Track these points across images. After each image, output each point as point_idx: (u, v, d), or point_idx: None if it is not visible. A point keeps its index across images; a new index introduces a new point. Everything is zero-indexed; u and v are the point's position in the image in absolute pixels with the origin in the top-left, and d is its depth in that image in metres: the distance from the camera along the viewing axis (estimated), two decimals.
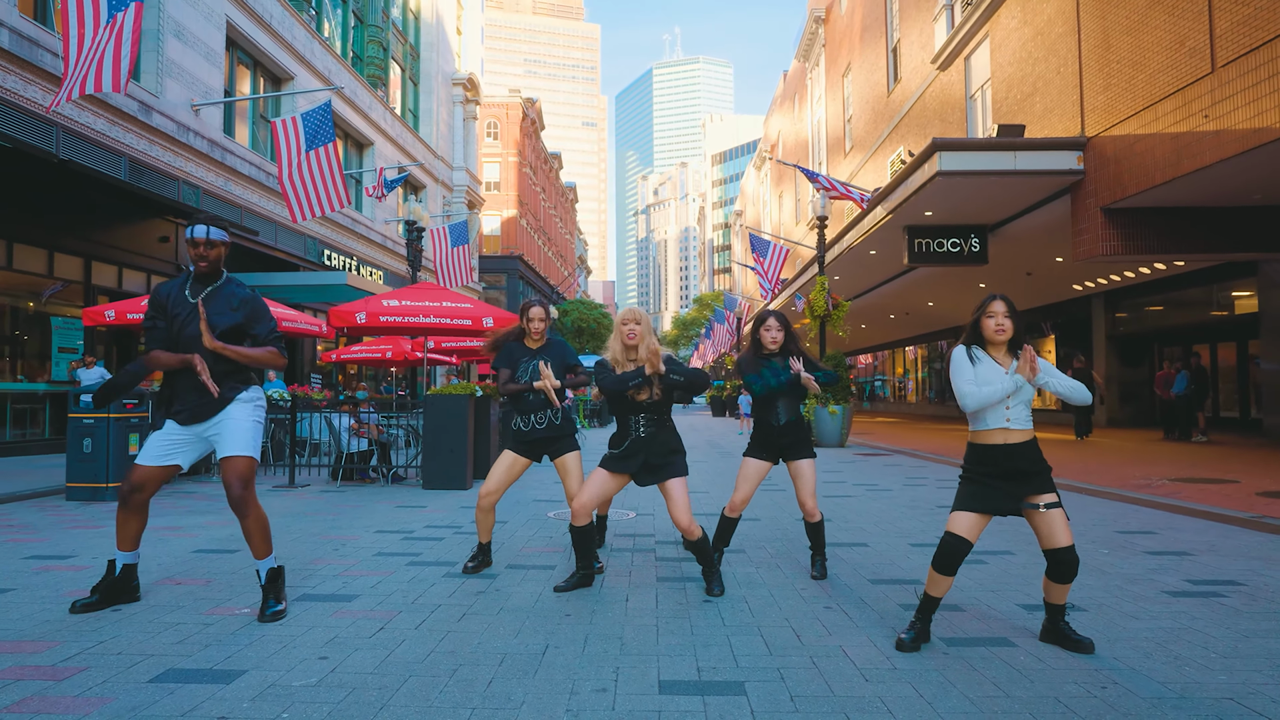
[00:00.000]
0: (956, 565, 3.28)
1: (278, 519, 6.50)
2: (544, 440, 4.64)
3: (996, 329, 3.37)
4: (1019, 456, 3.27)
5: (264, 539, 3.74)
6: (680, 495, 4.10)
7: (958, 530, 3.27)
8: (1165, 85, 11.12)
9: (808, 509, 4.51)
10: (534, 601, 3.93)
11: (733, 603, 3.95)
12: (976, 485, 3.32)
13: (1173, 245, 13.00)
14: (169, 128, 15.19)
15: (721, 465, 11.78)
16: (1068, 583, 3.26)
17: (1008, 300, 3.41)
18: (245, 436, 3.74)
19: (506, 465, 4.60)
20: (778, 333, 4.60)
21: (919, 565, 4.85)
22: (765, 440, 4.58)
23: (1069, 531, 3.24)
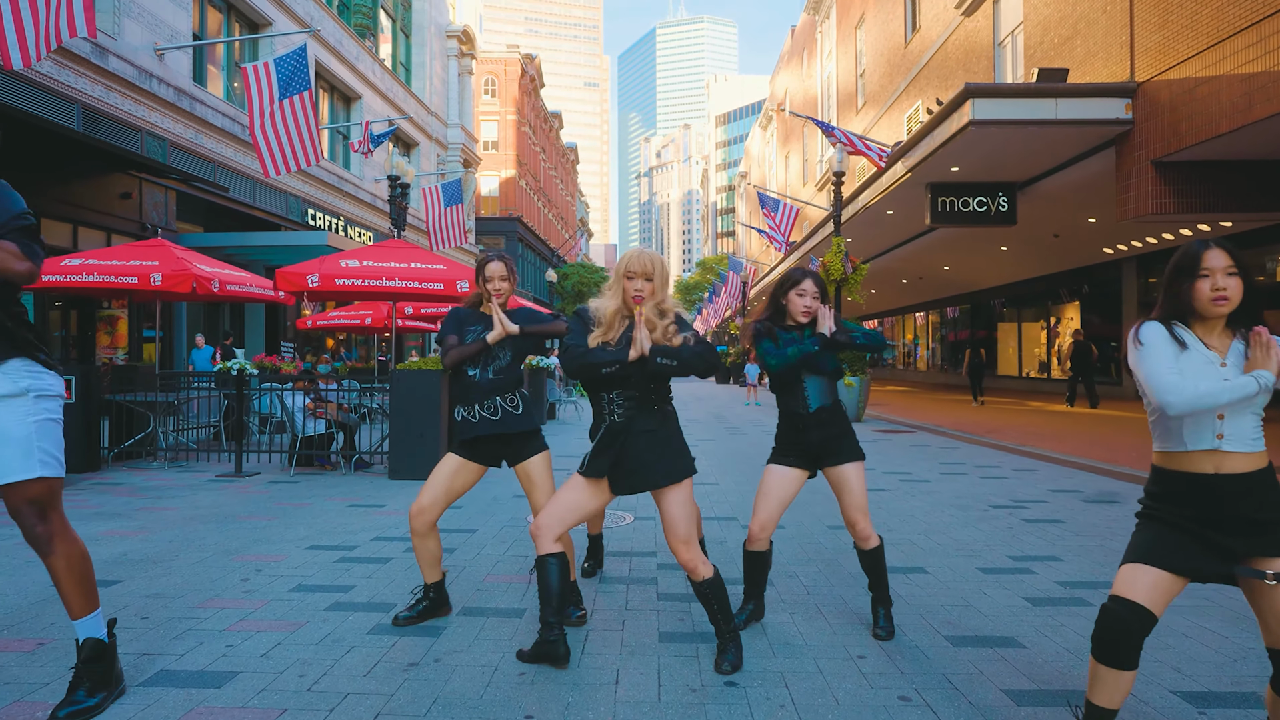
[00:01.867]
0: (1136, 653, 2.06)
1: (197, 525, 5.35)
2: (495, 440, 3.41)
3: (1215, 296, 2.12)
4: (1241, 493, 2.08)
5: (80, 587, 2.56)
6: (678, 512, 2.92)
7: (1133, 595, 2.06)
8: (1236, 19, 9.79)
9: (859, 530, 3.31)
10: (484, 686, 2.78)
11: (766, 686, 2.80)
12: (1166, 527, 2.15)
13: (1231, 203, 11.76)
14: (129, 73, 13.84)
15: (730, 445, 10.63)
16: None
17: (1227, 246, 2.14)
18: (24, 449, 2.44)
19: (446, 474, 3.38)
20: (813, 300, 3.32)
21: (1002, 608, 3.70)
22: (792, 437, 3.35)
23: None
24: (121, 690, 2.68)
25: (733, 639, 2.99)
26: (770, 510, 3.33)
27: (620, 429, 2.96)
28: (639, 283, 2.95)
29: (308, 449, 7.99)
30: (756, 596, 3.50)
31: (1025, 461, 9.16)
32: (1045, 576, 4.23)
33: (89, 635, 2.58)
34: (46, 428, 2.52)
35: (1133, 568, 2.12)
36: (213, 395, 9.00)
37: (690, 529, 2.95)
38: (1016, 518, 5.86)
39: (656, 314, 2.96)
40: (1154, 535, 2.17)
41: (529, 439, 3.47)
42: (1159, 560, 2.11)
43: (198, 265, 7.66)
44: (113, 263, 7.57)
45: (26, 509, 2.48)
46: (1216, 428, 2.10)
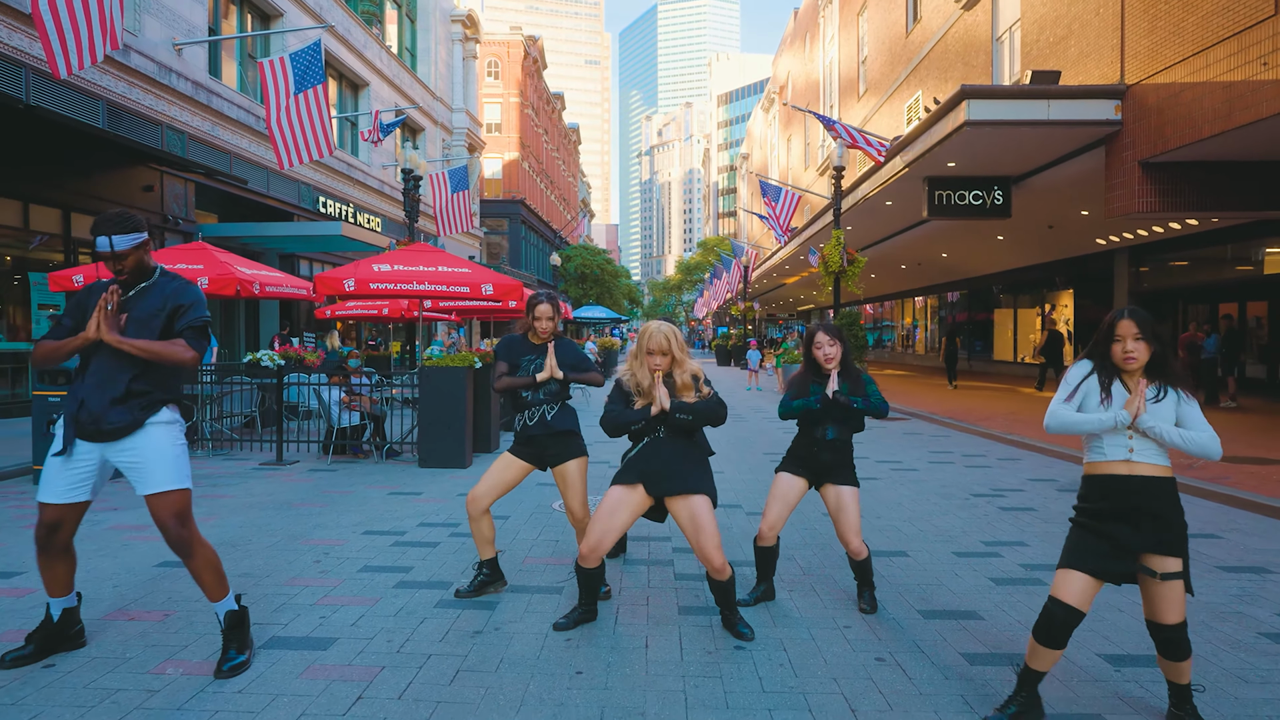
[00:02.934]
0: (1066, 638, 2.75)
1: (260, 512, 5.97)
2: (539, 439, 4.06)
3: (1125, 357, 2.79)
4: (1144, 494, 2.74)
5: (216, 579, 3.25)
6: (708, 520, 3.48)
7: (1067, 598, 2.72)
8: (1220, 29, 10.25)
9: (852, 546, 3.94)
10: (539, 649, 3.40)
11: (768, 649, 3.42)
12: (1089, 534, 2.79)
13: (1213, 202, 12.26)
14: (149, 69, 14.32)
15: (734, 433, 11.24)
16: (1179, 661, 2.75)
17: (1139, 318, 2.79)
18: (172, 467, 3.20)
19: (499, 469, 4.05)
20: (831, 348, 3.99)
21: (970, 588, 4.32)
22: (804, 454, 4.01)
23: (1181, 608, 2.72)
24: (251, 649, 3.31)
25: (740, 618, 3.63)
26: (779, 513, 3.98)
27: (660, 442, 3.59)
28: (657, 358, 3.58)
29: (341, 439, 8.61)
30: (767, 580, 4.13)
31: (1010, 450, 9.77)
32: (1010, 559, 4.85)
33: (227, 609, 3.25)
34: (184, 452, 3.31)
35: (1066, 572, 2.76)
36: (245, 388, 9.60)
37: (717, 533, 3.51)
38: (994, 506, 6.47)
39: (678, 378, 3.58)
40: (1081, 542, 2.79)
41: (567, 442, 4.06)
42: (1085, 566, 2.73)
43: (239, 269, 8.23)
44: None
45: (172, 520, 3.15)
46: (1129, 443, 2.78)
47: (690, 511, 3.49)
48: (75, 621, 3.35)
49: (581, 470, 4.07)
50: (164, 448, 3.19)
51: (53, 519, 3.15)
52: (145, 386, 3.18)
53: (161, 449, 3.18)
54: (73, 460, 3.13)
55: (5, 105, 10.30)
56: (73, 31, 9.70)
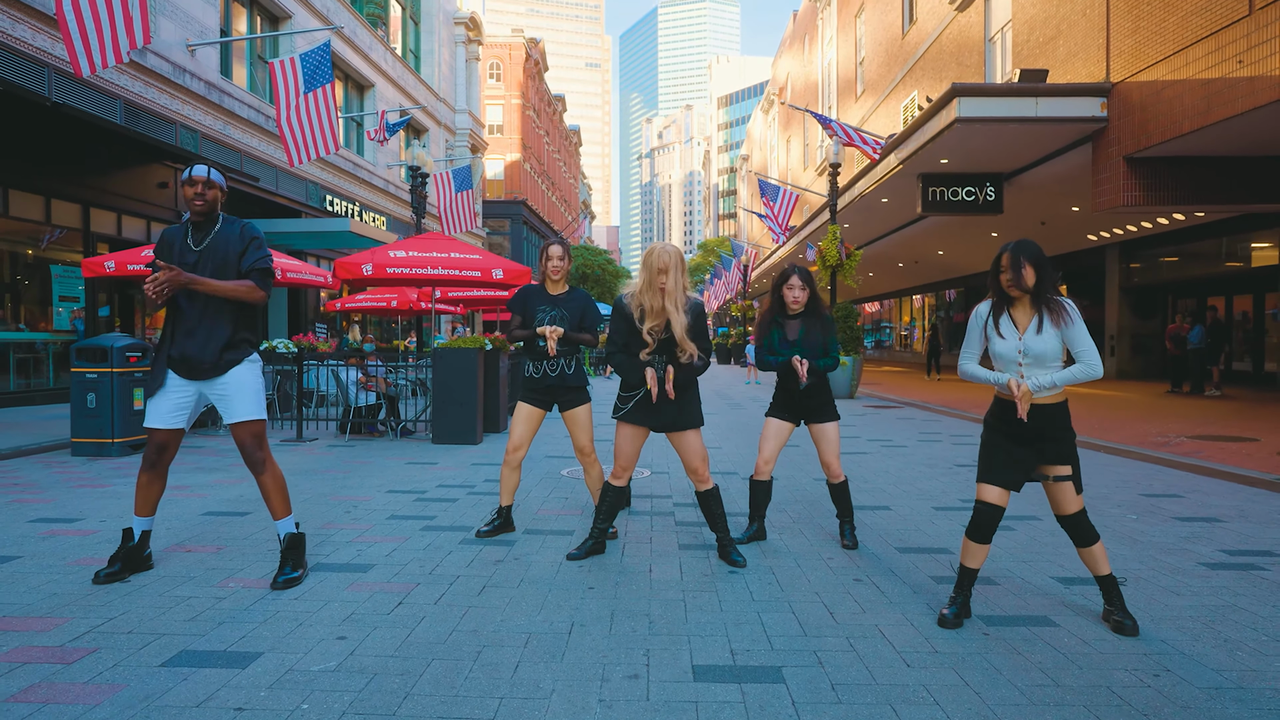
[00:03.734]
0: (991, 532, 3.23)
1: (288, 477, 6.39)
2: (555, 389, 4.49)
3: (1007, 284, 3.22)
4: (1038, 419, 3.19)
5: (282, 498, 3.72)
6: (698, 444, 4.04)
7: (988, 499, 3.22)
8: (1198, 28, 10.68)
9: (832, 470, 4.39)
10: (555, 572, 3.82)
11: (759, 573, 3.84)
12: (997, 449, 3.27)
13: (1196, 196, 12.68)
14: (164, 69, 14.76)
15: (733, 418, 11.67)
16: (1087, 546, 3.21)
17: (1021, 249, 3.19)
18: (255, 399, 3.71)
19: (525, 417, 4.49)
20: (800, 292, 4.41)
21: (945, 531, 4.74)
22: (786, 401, 4.46)
23: (1078, 500, 3.21)
24: (305, 569, 3.75)
25: (729, 540, 4.08)
26: (772, 449, 4.44)
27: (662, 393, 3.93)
28: (663, 278, 3.85)
29: (358, 418, 9.04)
30: (759, 519, 4.53)
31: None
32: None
33: (287, 531, 3.70)
34: (263, 387, 3.82)
35: (983, 486, 3.26)
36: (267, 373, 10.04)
37: (704, 454, 4.03)
38: (966, 475, 6.89)
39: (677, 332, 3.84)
40: (992, 458, 3.27)
41: (578, 392, 4.51)
42: (995, 479, 3.23)
43: None
44: None
45: (251, 441, 3.68)
46: (1020, 376, 3.21)
47: (685, 442, 4.03)
48: (147, 545, 3.77)
49: (589, 414, 4.51)
50: (248, 383, 3.67)
51: (162, 441, 3.66)
52: (234, 331, 3.65)
53: (245, 385, 3.66)
54: (171, 393, 3.64)
55: (31, 103, 10.74)
56: (95, 31, 10.13)
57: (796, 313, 4.44)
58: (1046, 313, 3.16)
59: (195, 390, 3.69)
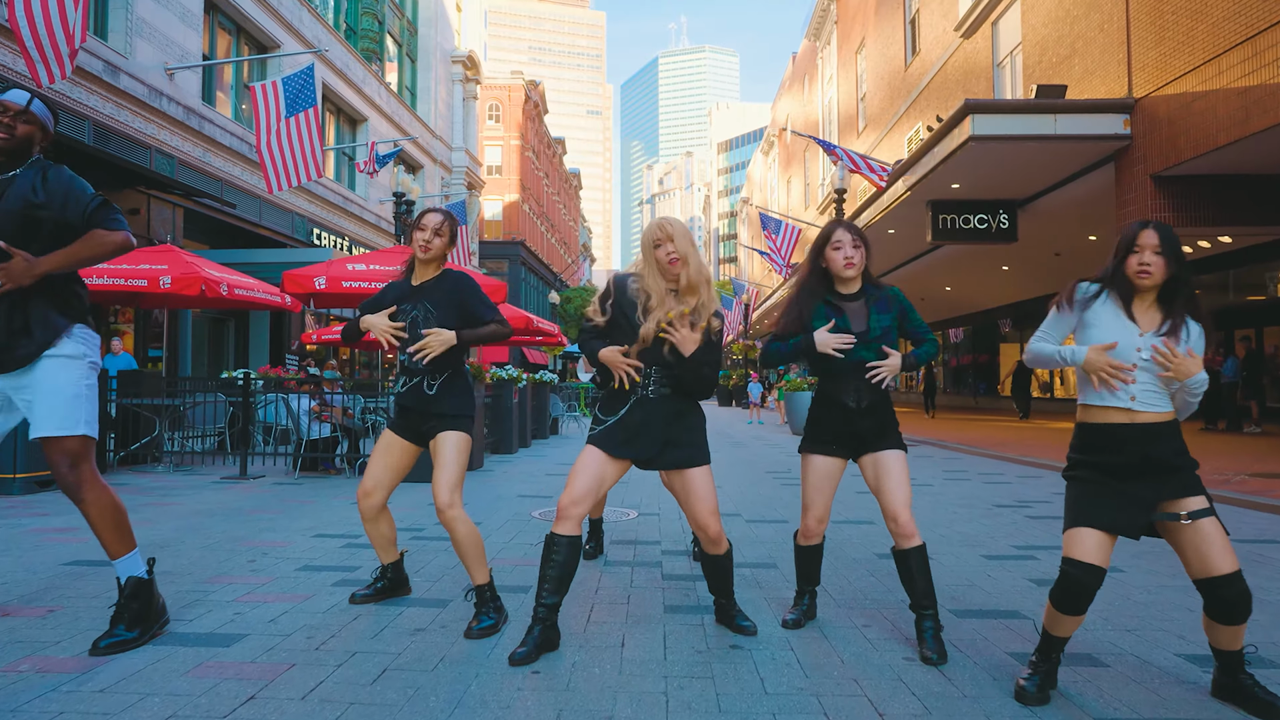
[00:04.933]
0: (1087, 602, 2.36)
1: (205, 518, 5.37)
2: (411, 413, 3.16)
3: (1139, 270, 2.43)
4: (1149, 441, 2.38)
5: (115, 530, 2.80)
6: (709, 487, 2.94)
7: (1082, 555, 2.34)
8: (1232, 34, 9.92)
9: (900, 523, 2.87)
10: (490, 647, 2.80)
11: (771, 648, 2.82)
12: (1091, 486, 2.43)
13: (1230, 218, 11.85)
14: (139, 91, 14.04)
15: (735, 455, 10.65)
16: (1237, 624, 2.32)
17: (1164, 230, 2.44)
18: (65, 411, 2.71)
19: (383, 449, 3.22)
20: (853, 250, 2.98)
21: (1007, 589, 3.71)
22: (833, 426, 3.01)
23: (1230, 552, 2.31)
24: (165, 622, 2.92)
25: (733, 605, 3.10)
26: (824, 502, 3.05)
27: (655, 405, 2.89)
28: (666, 246, 2.87)
29: (312, 452, 8.02)
30: (811, 591, 3.24)
31: (1029, 470, 9.16)
32: (1049, 562, 4.24)
33: (129, 574, 2.81)
34: (92, 394, 2.83)
35: (1076, 531, 2.38)
36: (218, 403, 9.04)
37: (717, 503, 2.98)
38: (1021, 515, 5.86)
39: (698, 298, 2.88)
40: (1085, 497, 2.43)
41: (442, 420, 3.12)
42: (1095, 522, 2.37)
43: (206, 269, 7.75)
44: (122, 266, 7.65)
45: (61, 460, 2.72)
46: (1129, 390, 2.40)
47: (689, 484, 2.94)
48: None
49: (458, 446, 3.08)
50: (61, 385, 2.71)
51: None
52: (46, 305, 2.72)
53: (58, 386, 2.71)
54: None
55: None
56: (50, 42, 9.44)
57: (851, 291, 3.03)
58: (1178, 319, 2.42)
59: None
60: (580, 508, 2.80)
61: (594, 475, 2.86)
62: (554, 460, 9.96)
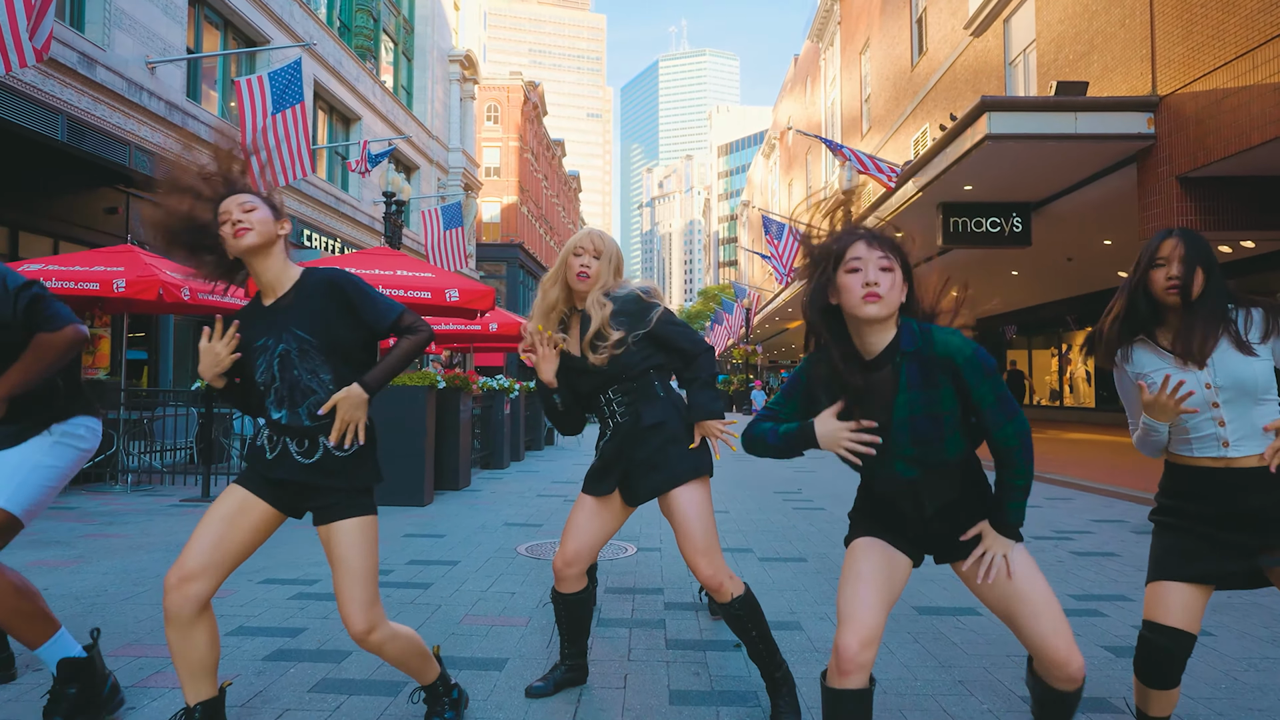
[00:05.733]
0: (1179, 672, 2.00)
1: (144, 555, 4.75)
2: (298, 487, 2.19)
3: (1167, 285, 2.04)
4: (1252, 489, 1.97)
5: (20, 619, 2.33)
6: (694, 517, 2.45)
7: (1167, 619, 1.98)
8: (1268, 27, 9.35)
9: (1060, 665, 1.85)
10: None
11: None
12: (1183, 535, 2.05)
13: (1261, 221, 11.25)
14: (118, 85, 13.44)
15: (737, 472, 10.03)
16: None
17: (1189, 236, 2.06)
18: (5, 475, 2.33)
19: (225, 514, 2.14)
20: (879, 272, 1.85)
21: (1090, 665, 3.08)
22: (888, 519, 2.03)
23: None
24: (119, 703, 2.47)
25: (785, 683, 2.45)
26: (874, 620, 1.84)
27: (628, 429, 2.55)
28: (585, 259, 2.55)
29: None
30: None
31: (1056, 490, 8.56)
32: (1119, 620, 3.62)
33: (60, 657, 2.38)
34: (47, 471, 2.43)
35: (1160, 586, 2.03)
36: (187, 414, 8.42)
37: (711, 538, 2.47)
38: (1065, 550, 5.25)
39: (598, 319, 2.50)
40: (1173, 545, 2.06)
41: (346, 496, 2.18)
42: (1184, 573, 2.01)
43: (166, 272, 7.13)
44: (75, 268, 7.04)
45: None
46: (1221, 431, 2.01)
47: (670, 512, 2.54)
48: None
49: (368, 538, 2.17)
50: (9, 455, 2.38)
51: None
52: None
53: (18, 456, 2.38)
54: None
55: None
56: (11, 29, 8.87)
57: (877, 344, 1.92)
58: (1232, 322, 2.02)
59: None
60: (576, 567, 2.60)
61: (585, 529, 2.61)
62: (547, 477, 9.34)
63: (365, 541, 2.15)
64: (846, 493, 8.13)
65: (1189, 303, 2.01)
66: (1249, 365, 1.95)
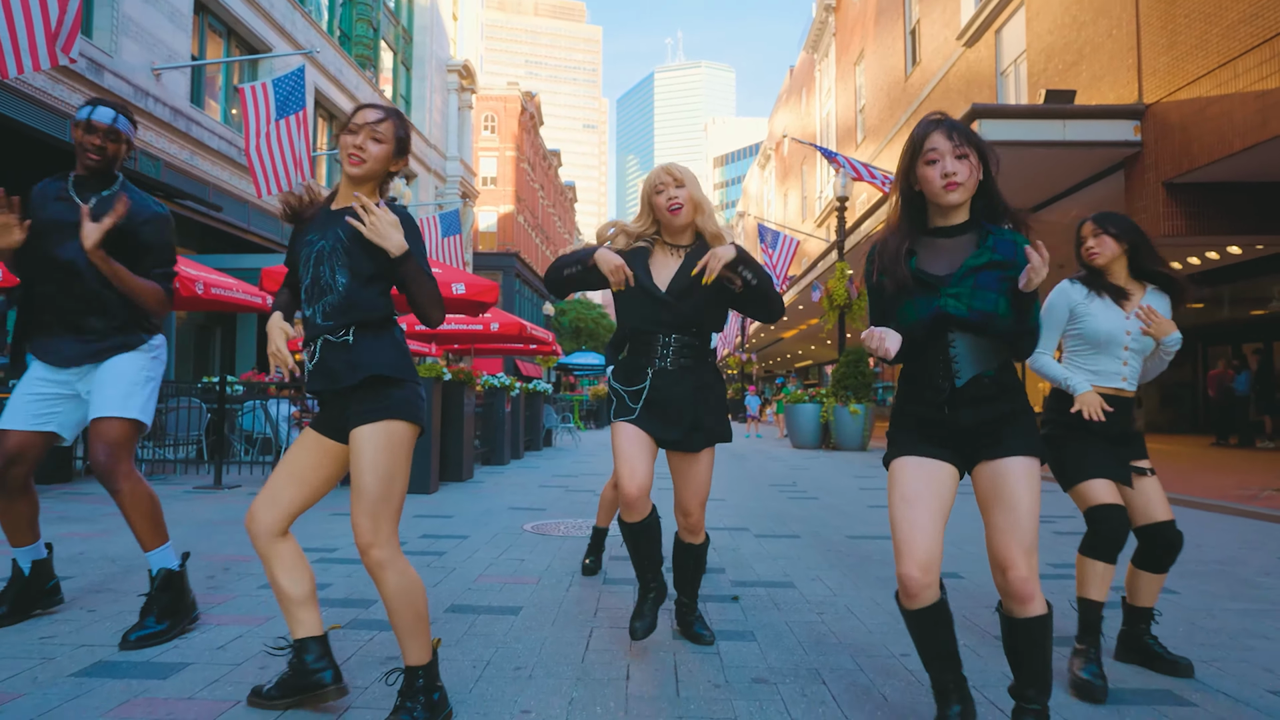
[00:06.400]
0: (1122, 543, 2.54)
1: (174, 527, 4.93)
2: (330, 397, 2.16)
3: (1088, 253, 2.81)
4: (1126, 416, 2.72)
5: (148, 521, 2.79)
6: (709, 472, 2.73)
7: (1105, 498, 2.54)
8: (1248, 37, 9.66)
9: (1011, 579, 1.88)
10: (475, 680, 2.40)
11: (801, 682, 2.43)
12: (1086, 444, 2.64)
13: (1246, 225, 11.55)
14: (124, 91, 13.69)
15: (738, 469, 10.26)
16: (1163, 571, 2.67)
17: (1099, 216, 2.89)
18: (121, 393, 2.78)
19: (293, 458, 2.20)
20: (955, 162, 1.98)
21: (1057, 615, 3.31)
22: (928, 415, 2.02)
23: (1168, 503, 2.71)
24: (196, 618, 2.90)
25: (698, 614, 2.91)
26: (932, 532, 1.90)
27: (674, 377, 2.63)
28: (670, 191, 2.63)
29: None
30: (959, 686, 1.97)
31: (1047, 485, 8.77)
32: None
33: (161, 566, 2.81)
34: (149, 384, 2.90)
35: (1086, 484, 2.57)
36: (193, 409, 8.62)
37: (707, 492, 2.77)
38: (1047, 530, 5.49)
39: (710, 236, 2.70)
40: (1083, 453, 2.62)
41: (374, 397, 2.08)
42: (1102, 472, 2.58)
43: (181, 266, 7.32)
44: None
45: (99, 446, 2.71)
46: (1123, 371, 2.73)
47: (693, 467, 2.71)
48: (48, 575, 3.00)
49: (399, 439, 2.06)
50: (125, 373, 2.81)
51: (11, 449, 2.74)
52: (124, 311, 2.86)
53: (119, 373, 2.80)
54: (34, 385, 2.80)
55: None
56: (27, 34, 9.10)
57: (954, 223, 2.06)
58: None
59: (65, 385, 2.82)
60: (644, 486, 2.57)
61: (640, 455, 2.60)
62: (547, 472, 9.55)
63: (381, 447, 2.01)
64: (839, 486, 8.36)
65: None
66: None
